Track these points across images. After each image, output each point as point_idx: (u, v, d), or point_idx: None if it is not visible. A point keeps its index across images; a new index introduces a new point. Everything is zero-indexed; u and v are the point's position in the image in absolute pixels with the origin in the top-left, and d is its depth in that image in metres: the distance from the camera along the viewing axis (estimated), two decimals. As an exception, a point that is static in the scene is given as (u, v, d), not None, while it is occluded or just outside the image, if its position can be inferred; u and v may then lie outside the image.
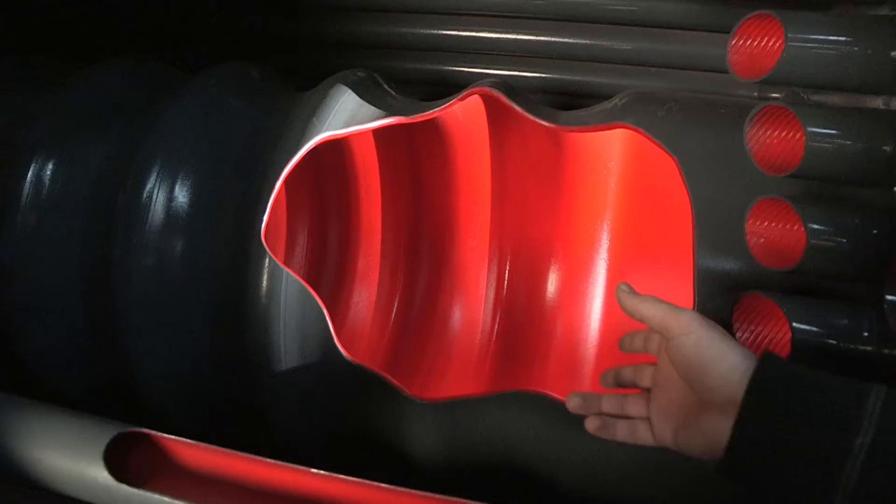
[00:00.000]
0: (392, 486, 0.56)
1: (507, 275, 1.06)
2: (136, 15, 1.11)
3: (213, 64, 0.92)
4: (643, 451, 0.75)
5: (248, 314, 0.80)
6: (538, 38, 1.02)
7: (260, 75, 0.93)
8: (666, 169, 0.78)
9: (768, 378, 0.49)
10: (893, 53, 0.58)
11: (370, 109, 0.84)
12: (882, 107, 0.61)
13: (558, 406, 0.76)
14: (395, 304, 1.10)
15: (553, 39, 1.01)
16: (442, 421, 0.80)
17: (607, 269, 1.01)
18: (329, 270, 1.10)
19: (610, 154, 0.98)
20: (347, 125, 0.82)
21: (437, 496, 0.56)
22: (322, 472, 0.56)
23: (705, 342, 0.53)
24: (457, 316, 1.07)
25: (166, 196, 0.80)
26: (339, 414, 0.83)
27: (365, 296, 1.09)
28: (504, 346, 1.04)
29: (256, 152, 0.83)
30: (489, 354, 1.04)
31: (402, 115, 0.82)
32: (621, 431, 0.62)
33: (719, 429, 0.50)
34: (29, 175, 0.84)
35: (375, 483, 0.56)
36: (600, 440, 0.77)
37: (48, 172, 0.85)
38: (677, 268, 0.92)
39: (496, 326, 1.06)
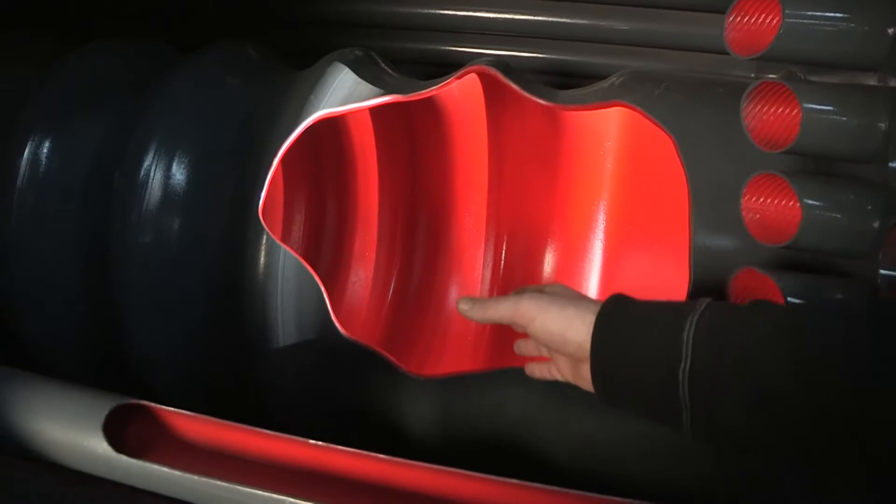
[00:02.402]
0: (390, 457, 0.57)
1: (503, 254, 1.07)
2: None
3: (209, 42, 0.91)
4: (638, 428, 0.76)
5: (245, 291, 0.81)
6: (535, 17, 1.02)
7: (256, 54, 0.93)
8: (663, 148, 0.79)
9: (604, 323, 0.56)
10: (890, 30, 0.58)
11: (368, 87, 0.84)
12: (878, 83, 0.61)
13: (554, 382, 0.77)
14: (392, 283, 1.10)
15: (550, 19, 1.01)
16: (439, 397, 0.81)
17: (604, 248, 1.02)
18: (326, 250, 1.10)
19: (607, 134, 0.98)
20: (345, 103, 0.82)
21: (435, 467, 0.57)
22: (320, 443, 0.57)
23: (550, 322, 0.58)
24: (453, 295, 1.08)
25: (164, 174, 0.80)
26: (336, 390, 0.83)
27: (362, 275, 1.09)
28: (499, 331, 1.04)
29: (254, 130, 0.83)
30: (485, 333, 1.04)
31: (399, 93, 0.82)
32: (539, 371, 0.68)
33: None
34: (25, 154, 0.84)
35: (374, 454, 0.56)
36: (595, 417, 0.79)
37: (45, 151, 0.85)
38: (673, 246, 0.92)
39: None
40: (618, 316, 0.56)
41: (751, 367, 0.46)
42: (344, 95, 0.83)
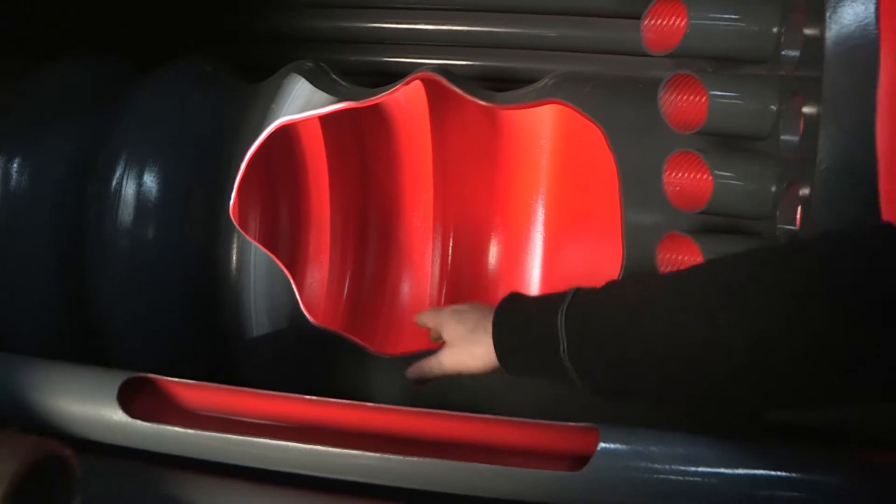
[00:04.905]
0: (384, 406, 0.68)
1: (450, 249, 1.19)
2: (87, 12, 1.20)
3: (167, 58, 1.01)
4: (594, 398, 0.89)
5: (221, 287, 0.91)
6: (472, 28, 1.15)
7: (215, 68, 1.03)
8: (593, 140, 0.92)
9: (501, 319, 0.70)
10: (775, 29, 0.72)
11: (323, 96, 0.95)
12: (769, 73, 0.76)
13: None
14: (347, 283, 1.21)
15: (485, 29, 1.15)
16: (401, 374, 0.92)
17: (544, 238, 1.14)
18: (281, 254, 1.20)
19: (542, 132, 1.12)
20: (303, 111, 0.94)
21: (408, 409, 0.68)
22: (314, 398, 0.68)
23: (456, 333, 0.76)
24: (405, 291, 1.19)
25: (136, 184, 0.89)
26: (308, 375, 0.94)
27: (317, 276, 1.20)
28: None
29: (219, 138, 0.93)
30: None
31: (352, 100, 0.94)
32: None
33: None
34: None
35: (356, 402, 0.67)
36: (551, 386, 0.91)
37: (14, 167, 0.92)
38: (606, 230, 1.05)
39: (443, 299, 1.18)
40: (506, 319, 0.70)
41: (603, 342, 0.60)
42: (302, 104, 0.95)
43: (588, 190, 1.08)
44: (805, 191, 0.66)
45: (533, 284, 1.15)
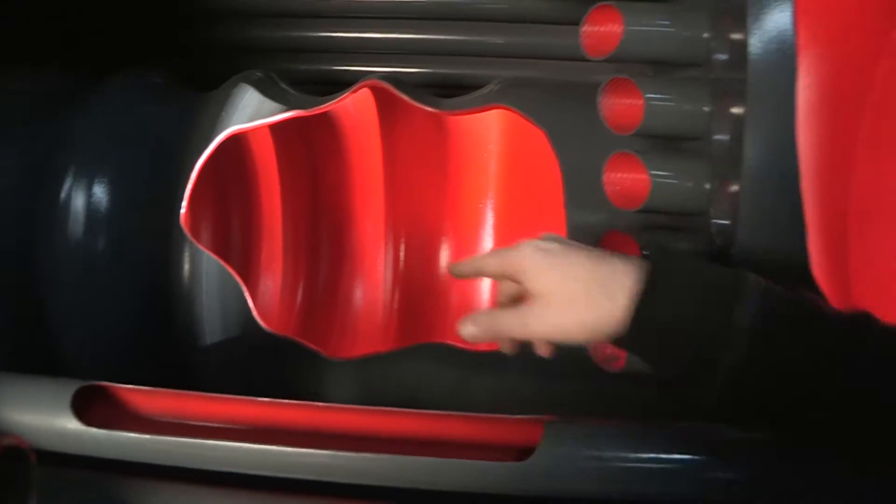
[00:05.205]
0: (335, 405, 0.70)
1: (402, 255, 1.21)
2: (30, 24, 1.20)
3: (114, 70, 1.02)
4: (544, 389, 0.91)
5: (173, 295, 0.92)
6: (419, 36, 1.17)
7: (163, 79, 1.05)
8: (539, 144, 0.95)
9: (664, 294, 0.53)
10: (705, 34, 0.76)
11: (272, 105, 0.97)
12: (701, 76, 0.79)
13: (458, 353, 0.92)
14: (300, 289, 1.22)
15: (432, 37, 1.17)
16: (356, 377, 0.94)
17: (494, 242, 1.17)
18: (234, 263, 1.21)
19: (489, 138, 1.14)
20: (252, 120, 0.96)
21: (361, 408, 0.70)
22: (266, 399, 0.69)
23: (560, 289, 0.56)
24: (358, 296, 1.21)
25: (85, 196, 0.90)
26: (263, 380, 0.95)
27: (270, 284, 1.21)
28: (404, 321, 1.18)
29: (169, 149, 0.95)
30: (391, 331, 1.18)
31: (301, 108, 0.96)
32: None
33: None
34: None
35: (311, 402, 0.69)
36: (499, 380, 0.94)
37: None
38: (554, 231, 1.08)
39: (395, 304, 1.20)
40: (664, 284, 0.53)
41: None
42: (251, 113, 0.97)
43: (536, 193, 1.11)
44: (735, 187, 0.69)
45: (485, 287, 1.18)
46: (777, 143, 0.66)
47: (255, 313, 0.93)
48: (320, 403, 0.69)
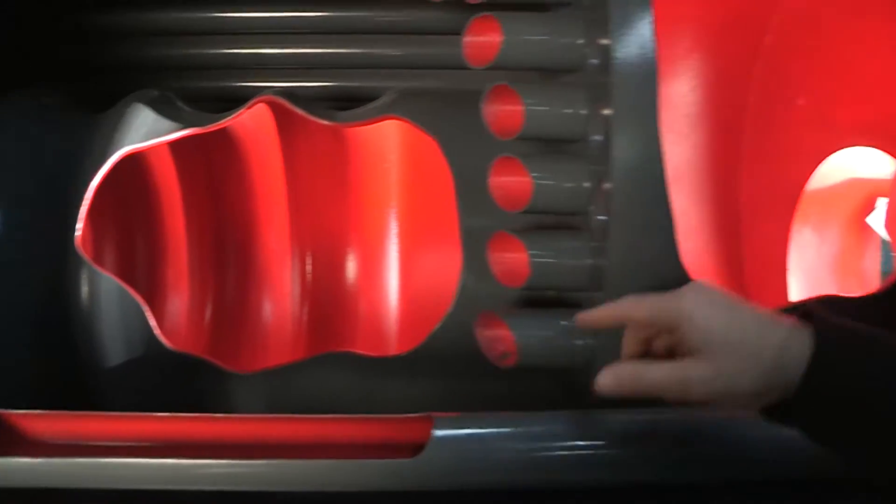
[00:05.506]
0: (230, 416, 0.71)
1: (309, 267, 1.22)
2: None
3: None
4: (449, 393, 0.94)
5: (73, 319, 0.92)
6: (317, 50, 1.19)
7: (53, 101, 1.04)
8: (435, 153, 0.98)
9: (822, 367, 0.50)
10: (580, 41, 0.80)
11: (167, 123, 0.98)
12: (577, 81, 0.83)
13: (366, 361, 0.95)
14: (209, 307, 1.23)
15: (329, 51, 1.19)
16: (264, 389, 0.95)
17: (399, 250, 1.20)
18: (139, 284, 1.21)
19: (390, 147, 1.17)
20: (147, 139, 0.96)
21: (263, 416, 0.72)
22: (161, 414, 0.70)
23: (728, 340, 0.51)
24: (267, 310, 1.22)
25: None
26: (171, 398, 0.95)
27: (178, 304, 1.21)
28: (314, 331, 1.20)
29: (64, 171, 0.95)
30: (302, 342, 1.20)
31: (196, 126, 0.97)
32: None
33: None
34: None
35: (216, 415, 0.70)
36: (408, 385, 0.96)
37: None
38: (454, 236, 1.12)
39: (305, 316, 1.22)
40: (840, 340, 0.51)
41: None
42: (146, 132, 0.97)
43: (436, 200, 1.14)
44: (609, 185, 0.73)
45: (392, 295, 1.20)
46: (641, 142, 0.70)
47: (157, 332, 0.93)
48: (215, 415, 0.70)
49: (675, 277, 0.72)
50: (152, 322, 0.93)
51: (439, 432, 0.66)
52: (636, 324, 0.58)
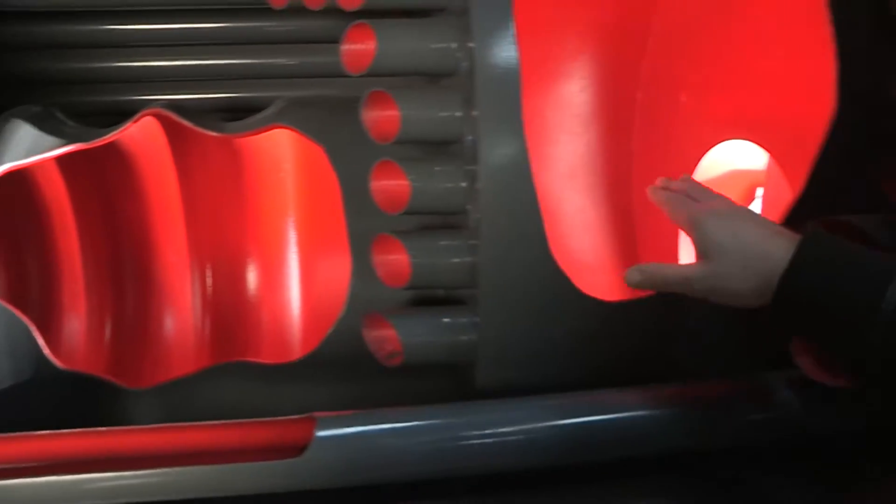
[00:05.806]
0: (117, 428, 0.71)
1: (210, 280, 1.23)
2: None
3: None
4: (347, 395, 0.96)
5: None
6: (205, 61, 1.20)
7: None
8: (325, 160, 1.00)
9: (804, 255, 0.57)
10: (452, 45, 0.83)
11: (50, 139, 0.98)
12: (452, 84, 0.86)
13: (265, 369, 0.96)
14: (108, 326, 1.22)
15: (218, 62, 1.20)
16: (162, 404, 0.96)
17: (299, 259, 1.21)
18: (32, 307, 1.19)
19: (284, 157, 1.18)
20: (28, 156, 0.96)
21: (158, 426, 0.72)
22: (46, 432, 0.70)
23: (729, 247, 0.61)
24: (169, 325, 1.22)
25: None
26: (63, 420, 0.95)
27: (76, 324, 1.20)
28: (217, 343, 1.20)
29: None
30: (205, 354, 1.20)
31: (81, 141, 0.97)
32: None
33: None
34: None
35: (101, 429, 0.71)
36: (305, 391, 0.97)
37: None
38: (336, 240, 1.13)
39: (207, 328, 1.22)
40: (818, 252, 0.57)
41: None
42: (27, 148, 0.97)
43: (330, 207, 1.16)
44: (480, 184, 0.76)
45: (294, 304, 1.21)
46: (506, 141, 0.74)
47: (47, 352, 0.92)
48: (101, 429, 0.71)
49: (545, 271, 0.75)
50: (41, 342, 0.92)
51: (322, 432, 0.67)
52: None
